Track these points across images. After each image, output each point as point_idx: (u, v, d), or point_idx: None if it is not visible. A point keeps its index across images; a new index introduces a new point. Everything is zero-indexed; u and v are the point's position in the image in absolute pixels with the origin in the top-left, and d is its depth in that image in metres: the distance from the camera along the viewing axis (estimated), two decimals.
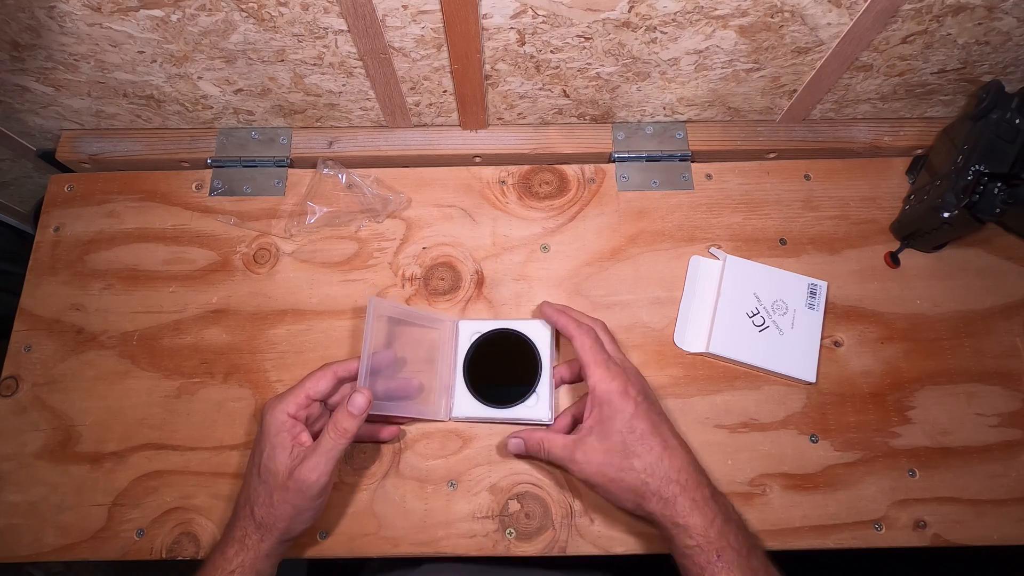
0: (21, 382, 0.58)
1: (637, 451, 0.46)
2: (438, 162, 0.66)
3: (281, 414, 0.47)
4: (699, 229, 0.63)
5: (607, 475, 0.47)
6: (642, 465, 0.46)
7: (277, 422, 0.47)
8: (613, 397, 0.47)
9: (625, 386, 0.48)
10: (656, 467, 0.46)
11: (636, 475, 0.46)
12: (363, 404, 0.46)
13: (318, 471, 0.45)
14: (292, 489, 0.45)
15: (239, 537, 0.46)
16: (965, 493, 0.54)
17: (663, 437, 0.47)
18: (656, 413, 0.49)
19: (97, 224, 0.63)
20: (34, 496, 0.54)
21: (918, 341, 0.58)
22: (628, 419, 0.47)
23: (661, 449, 0.46)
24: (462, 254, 0.62)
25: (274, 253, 0.62)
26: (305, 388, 0.48)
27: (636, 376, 0.50)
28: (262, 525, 0.46)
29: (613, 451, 0.47)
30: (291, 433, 0.47)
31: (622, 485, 0.46)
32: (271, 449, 0.46)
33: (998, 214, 0.54)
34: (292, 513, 0.46)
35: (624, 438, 0.47)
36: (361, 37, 0.52)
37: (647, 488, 0.46)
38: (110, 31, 0.51)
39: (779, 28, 0.52)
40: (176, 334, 0.59)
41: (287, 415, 0.47)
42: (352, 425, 0.46)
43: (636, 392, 0.48)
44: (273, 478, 0.46)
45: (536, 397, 0.54)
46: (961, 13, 0.50)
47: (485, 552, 0.52)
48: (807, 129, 0.65)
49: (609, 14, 0.50)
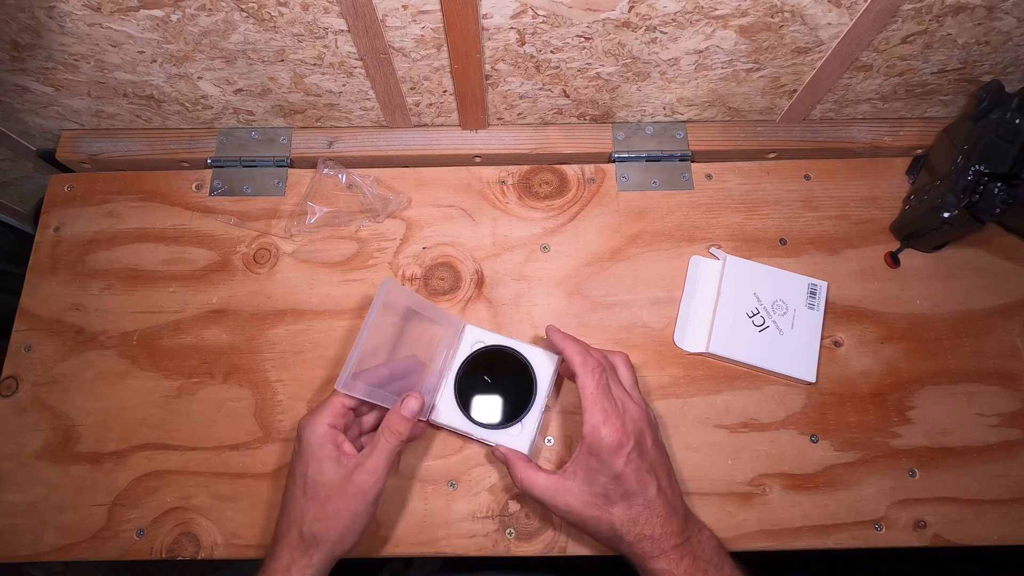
0: (21, 382, 0.58)
1: (617, 503, 0.46)
2: (438, 162, 0.66)
3: (321, 426, 0.46)
4: (699, 229, 0.63)
5: (584, 518, 0.46)
6: (619, 520, 0.45)
7: (318, 435, 0.46)
8: (603, 452, 0.45)
9: (620, 439, 0.45)
10: (633, 523, 0.45)
11: (611, 526, 0.46)
12: (416, 408, 0.47)
13: (376, 474, 0.45)
14: (351, 493, 0.45)
15: (282, 568, 0.45)
16: (965, 493, 0.54)
17: (646, 495, 0.46)
18: (648, 466, 0.46)
19: (97, 224, 0.63)
20: (34, 496, 0.54)
21: (918, 341, 0.58)
22: (615, 475, 0.45)
23: (641, 507, 0.45)
24: (462, 254, 0.62)
25: (274, 253, 0.62)
26: (340, 398, 0.48)
27: (637, 421, 0.47)
28: (312, 543, 0.45)
29: (595, 498, 0.46)
30: (334, 443, 0.46)
31: (598, 529, 0.46)
32: (317, 463, 0.46)
33: (998, 214, 0.54)
34: (348, 521, 0.45)
35: (606, 490, 0.46)
36: (361, 37, 0.52)
37: (620, 539, 0.46)
38: (110, 31, 0.51)
39: (779, 28, 0.52)
40: (176, 334, 0.59)
41: (327, 426, 0.46)
42: (406, 428, 0.47)
43: (632, 446, 0.46)
44: (325, 489, 0.45)
45: (520, 427, 0.52)
46: (961, 13, 0.50)
47: (485, 552, 0.52)
48: (807, 129, 0.65)
49: (609, 14, 0.50)
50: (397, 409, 0.47)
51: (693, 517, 0.48)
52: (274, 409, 0.57)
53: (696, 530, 0.47)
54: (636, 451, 0.46)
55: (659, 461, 0.48)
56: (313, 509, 0.45)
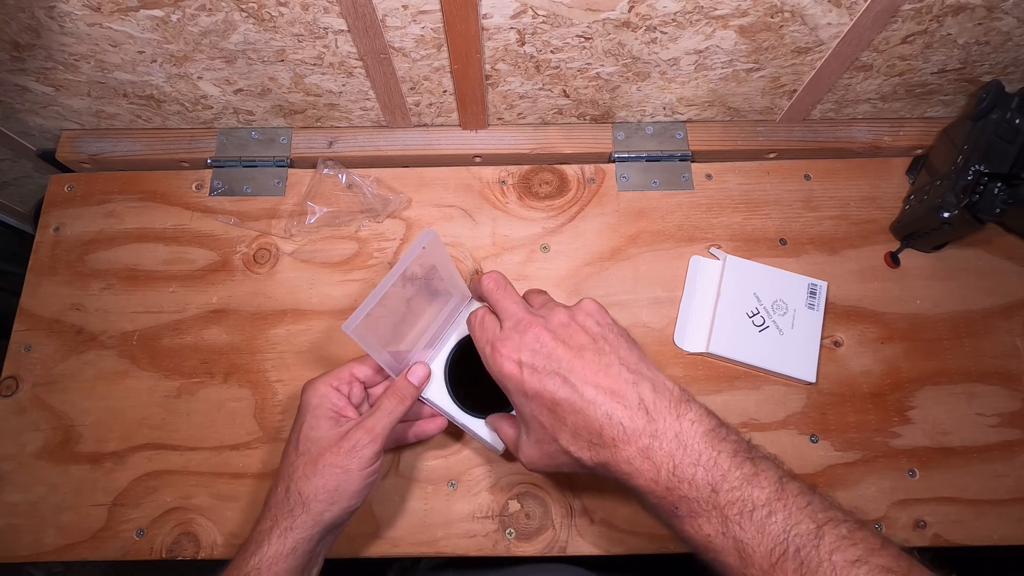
0: (21, 382, 0.58)
1: (560, 430, 0.39)
2: (438, 162, 0.66)
3: (323, 386, 0.45)
4: (699, 229, 0.63)
5: (551, 464, 0.41)
6: (570, 445, 0.38)
7: (319, 394, 0.45)
8: (510, 385, 0.40)
9: (509, 365, 0.40)
10: (576, 438, 0.38)
11: (571, 456, 0.39)
12: (423, 375, 0.47)
13: (373, 433, 0.43)
14: (344, 450, 0.42)
15: (265, 530, 0.42)
16: (965, 493, 0.54)
17: (577, 400, 0.38)
18: (560, 366, 0.39)
19: (97, 224, 0.63)
20: (34, 496, 0.54)
21: (918, 341, 0.58)
22: (525, 400, 0.40)
23: (578, 418, 0.37)
24: (462, 254, 0.62)
25: (274, 253, 0.62)
26: (349, 367, 0.47)
27: (519, 324, 0.41)
28: (298, 502, 0.42)
29: (540, 433, 0.40)
30: (335, 406, 0.45)
31: (563, 464, 0.40)
32: (313, 419, 0.44)
33: (998, 214, 0.54)
34: (338, 480, 0.42)
35: (538, 421, 0.39)
36: (361, 37, 0.52)
37: (580, 464, 0.39)
38: (110, 31, 0.51)
39: (779, 28, 0.52)
40: (176, 334, 0.59)
41: (330, 387, 0.45)
42: (411, 393, 0.46)
43: (525, 358, 0.39)
44: (317, 445, 0.43)
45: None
46: (961, 13, 0.50)
47: (485, 552, 0.52)
48: (807, 129, 0.65)
49: (609, 14, 0.50)
50: (405, 374, 0.47)
51: (672, 397, 0.38)
52: (274, 409, 0.57)
53: (674, 415, 0.37)
54: (531, 359, 0.39)
55: (581, 347, 0.39)
56: (303, 466, 0.43)
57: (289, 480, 0.43)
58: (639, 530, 0.52)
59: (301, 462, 0.43)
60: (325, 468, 0.42)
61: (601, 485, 0.54)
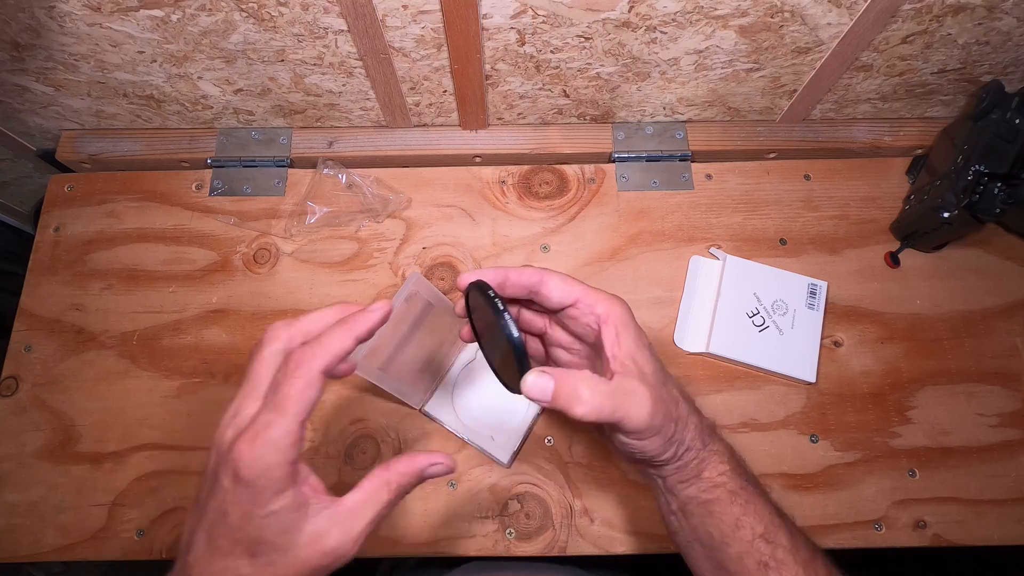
0: (21, 382, 0.58)
1: (669, 377, 0.38)
2: (438, 162, 0.66)
3: (280, 466, 0.30)
4: (699, 229, 0.63)
5: (661, 410, 0.35)
6: (678, 391, 0.38)
7: (278, 448, 0.30)
8: (631, 321, 0.37)
9: (630, 308, 0.38)
10: (684, 392, 0.39)
11: (678, 404, 0.37)
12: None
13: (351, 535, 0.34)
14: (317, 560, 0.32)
15: None
16: (965, 493, 0.54)
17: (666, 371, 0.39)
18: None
19: (97, 224, 0.63)
20: (34, 496, 0.54)
21: (918, 341, 0.58)
22: (649, 345, 0.38)
23: (673, 383, 0.38)
24: (462, 254, 0.62)
25: (274, 253, 0.62)
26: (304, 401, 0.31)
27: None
28: None
29: (657, 382, 0.36)
30: (293, 471, 0.31)
31: (669, 416, 0.36)
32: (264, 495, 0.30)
33: (998, 214, 0.54)
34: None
35: (657, 364, 0.37)
36: (361, 37, 0.52)
37: (688, 417, 0.38)
38: (110, 31, 0.51)
39: (779, 28, 0.52)
40: (176, 334, 0.59)
41: (288, 464, 0.30)
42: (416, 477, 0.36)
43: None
44: (275, 543, 0.31)
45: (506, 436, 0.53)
46: (961, 13, 0.50)
47: (485, 552, 0.52)
48: (807, 129, 0.65)
49: (609, 14, 0.50)
50: (412, 457, 0.35)
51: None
52: None
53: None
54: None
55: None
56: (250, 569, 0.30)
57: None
58: (639, 530, 0.52)
59: (250, 567, 0.30)
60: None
61: (601, 485, 0.54)
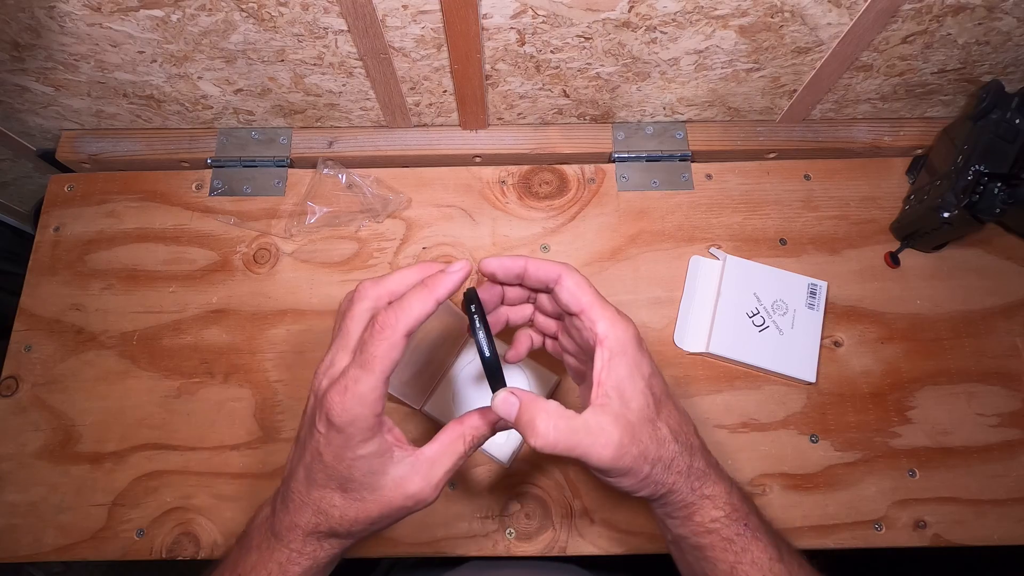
0: (21, 382, 0.58)
1: (662, 414, 0.37)
2: (438, 162, 0.66)
3: (367, 418, 0.34)
4: (699, 229, 0.63)
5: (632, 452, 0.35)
6: (668, 431, 0.37)
7: (366, 402, 0.34)
8: (630, 347, 0.37)
9: (637, 333, 0.37)
10: (680, 431, 0.38)
11: (664, 444, 0.37)
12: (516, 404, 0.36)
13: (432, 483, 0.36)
14: (400, 503, 0.36)
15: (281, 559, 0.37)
16: (965, 493, 0.54)
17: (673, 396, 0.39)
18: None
19: (97, 224, 0.63)
20: (34, 496, 0.54)
21: (918, 341, 0.58)
22: (649, 376, 0.37)
23: (679, 410, 0.38)
24: (462, 254, 0.62)
25: (274, 253, 0.62)
26: (388, 360, 0.34)
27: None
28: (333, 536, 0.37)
29: (640, 420, 0.36)
30: (379, 429, 0.35)
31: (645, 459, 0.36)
32: (357, 441, 0.35)
33: (998, 214, 0.54)
34: (386, 524, 0.37)
35: (647, 400, 0.37)
36: (361, 37, 0.52)
37: (674, 459, 0.37)
38: (110, 31, 0.51)
39: (779, 28, 0.52)
40: (176, 334, 0.59)
41: (374, 416, 0.35)
42: (489, 431, 0.39)
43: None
44: (368, 483, 0.36)
45: (507, 435, 0.53)
46: (961, 13, 0.50)
47: (485, 552, 0.52)
48: (807, 129, 0.65)
49: (609, 14, 0.50)
50: (484, 411, 0.38)
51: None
52: (274, 409, 0.57)
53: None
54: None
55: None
56: (344, 505, 0.36)
57: (323, 515, 0.36)
58: (639, 530, 0.52)
59: (341, 500, 0.36)
60: (380, 519, 0.37)
61: (601, 485, 0.54)
